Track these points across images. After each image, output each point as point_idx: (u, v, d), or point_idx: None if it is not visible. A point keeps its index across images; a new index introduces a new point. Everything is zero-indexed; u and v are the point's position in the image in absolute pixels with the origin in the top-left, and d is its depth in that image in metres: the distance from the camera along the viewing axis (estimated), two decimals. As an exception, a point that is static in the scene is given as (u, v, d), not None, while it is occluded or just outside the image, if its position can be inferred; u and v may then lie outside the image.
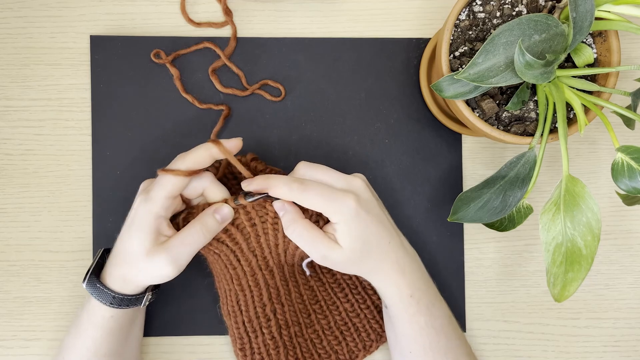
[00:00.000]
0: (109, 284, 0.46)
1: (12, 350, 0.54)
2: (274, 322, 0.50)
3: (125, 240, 0.45)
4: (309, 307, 0.54)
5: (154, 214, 0.44)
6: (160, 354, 0.55)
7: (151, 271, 0.45)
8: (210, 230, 0.45)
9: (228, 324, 0.52)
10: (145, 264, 0.44)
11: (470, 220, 0.46)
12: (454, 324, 0.51)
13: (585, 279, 0.42)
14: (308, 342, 0.53)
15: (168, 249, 0.44)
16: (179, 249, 0.44)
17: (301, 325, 0.53)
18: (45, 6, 0.55)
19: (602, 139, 0.57)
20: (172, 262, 0.44)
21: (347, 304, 0.54)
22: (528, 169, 0.44)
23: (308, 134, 0.56)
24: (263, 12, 0.56)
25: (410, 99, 0.56)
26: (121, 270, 0.46)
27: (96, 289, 0.46)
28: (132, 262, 0.45)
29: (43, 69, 0.55)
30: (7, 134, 0.55)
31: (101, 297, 0.46)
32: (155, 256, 0.44)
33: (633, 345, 0.57)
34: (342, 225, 0.45)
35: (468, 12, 0.46)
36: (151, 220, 0.44)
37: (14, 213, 0.55)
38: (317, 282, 0.54)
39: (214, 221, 0.45)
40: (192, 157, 0.45)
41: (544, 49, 0.41)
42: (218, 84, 0.55)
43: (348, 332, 0.54)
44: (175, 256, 0.44)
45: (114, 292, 0.46)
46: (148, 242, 0.44)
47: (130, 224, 0.45)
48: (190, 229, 0.45)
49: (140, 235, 0.44)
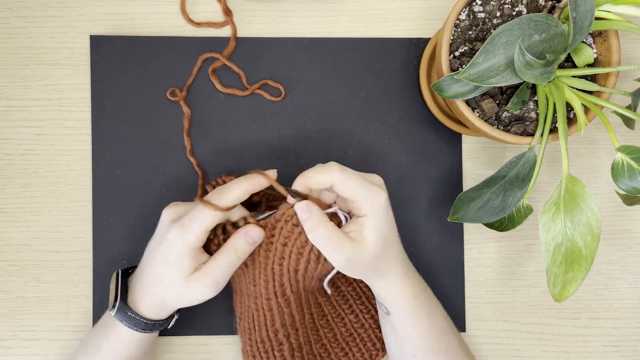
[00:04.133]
0: (141, 312, 0.46)
1: (12, 350, 0.54)
2: (287, 346, 0.50)
3: (162, 270, 0.45)
4: (317, 323, 0.54)
5: (192, 247, 0.44)
6: (161, 354, 0.55)
7: (192, 296, 0.46)
8: (244, 253, 0.45)
9: (242, 340, 0.51)
10: (186, 290, 0.45)
11: (470, 220, 0.46)
12: (452, 324, 0.51)
13: (585, 279, 0.42)
14: (317, 357, 0.53)
15: (208, 274, 0.45)
16: (219, 274, 0.45)
17: (311, 343, 0.52)
18: (45, 6, 0.55)
19: (602, 139, 0.57)
20: (213, 285, 0.45)
21: (351, 315, 0.54)
22: (528, 168, 0.44)
23: (308, 134, 0.56)
24: (263, 12, 0.56)
25: (410, 99, 0.56)
26: (157, 298, 0.46)
27: (128, 317, 0.46)
28: (171, 290, 0.45)
29: (43, 69, 0.55)
30: (7, 134, 0.55)
31: (133, 324, 0.46)
32: (197, 282, 0.45)
33: (633, 345, 0.57)
34: (371, 218, 0.44)
35: (468, 12, 0.46)
36: (190, 253, 0.44)
37: (14, 213, 0.55)
38: (322, 297, 0.54)
39: (245, 244, 0.45)
40: (233, 193, 0.44)
41: (544, 49, 0.41)
42: (218, 83, 0.55)
43: (354, 343, 0.54)
44: (215, 280, 0.45)
45: (147, 318, 0.46)
46: (187, 271, 0.44)
47: (166, 256, 0.45)
48: (225, 254, 0.45)
49: (180, 266, 0.44)
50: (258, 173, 0.46)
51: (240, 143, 0.55)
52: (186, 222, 0.44)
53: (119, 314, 0.46)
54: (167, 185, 0.55)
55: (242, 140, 0.55)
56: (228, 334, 0.55)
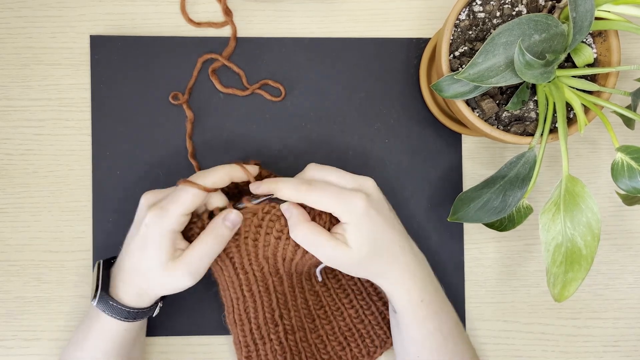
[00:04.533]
0: (122, 300, 0.46)
1: (12, 350, 0.54)
2: (281, 327, 0.50)
3: (138, 256, 0.45)
4: (313, 312, 0.54)
5: (170, 230, 0.44)
6: (160, 354, 0.55)
7: (170, 285, 0.45)
8: (224, 238, 0.45)
9: (234, 332, 0.51)
10: (164, 279, 0.45)
11: (470, 220, 0.46)
12: (460, 327, 0.51)
13: (585, 279, 0.42)
14: (312, 347, 0.53)
15: (186, 262, 0.44)
16: (197, 261, 0.45)
17: (306, 330, 0.53)
18: (45, 6, 0.55)
19: (602, 139, 0.57)
20: (191, 274, 0.45)
21: (351, 310, 0.54)
22: (528, 168, 0.44)
23: (308, 134, 0.56)
24: (263, 12, 0.56)
25: (410, 99, 0.56)
26: (136, 286, 0.46)
27: (109, 305, 0.46)
28: (150, 277, 0.45)
29: (43, 69, 0.55)
30: (7, 134, 0.55)
31: (115, 313, 0.46)
32: (174, 270, 0.44)
33: (633, 345, 0.57)
34: (351, 225, 0.45)
35: (468, 12, 0.46)
36: (168, 236, 0.44)
37: (14, 213, 0.55)
38: (322, 288, 0.54)
39: (225, 229, 0.45)
40: (214, 176, 0.45)
41: (544, 48, 0.41)
42: (218, 83, 0.55)
43: (352, 338, 0.54)
44: (194, 268, 0.45)
45: (128, 307, 0.46)
46: (165, 258, 0.44)
47: (143, 241, 0.44)
48: (204, 240, 0.45)
49: (158, 253, 0.44)
50: (240, 166, 0.46)
51: (240, 143, 0.55)
52: (164, 204, 0.44)
53: (100, 304, 0.45)
54: (167, 185, 0.55)
55: (241, 140, 0.55)
56: (228, 334, 0.55)
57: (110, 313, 0.46)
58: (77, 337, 0.48)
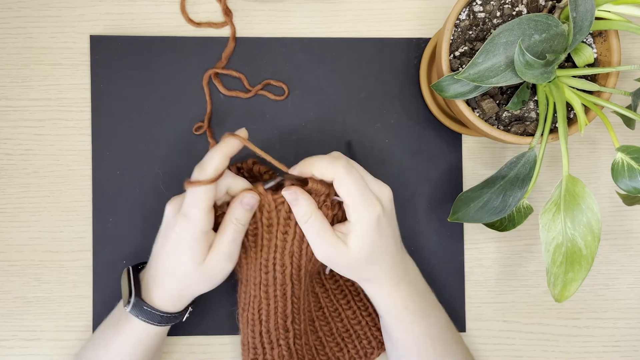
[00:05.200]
0: (157, 305, 0.46)
1: (12, 350, 0.54)
2: (292, 333, 0.49)
3: (173, 260, 0.45)
4: (313, 314, 0.53)
5: (201, 232, 0.44)
6: (161, 353, 0.55)
7: (211, 277, 0.46)
8: (243, 220, 0.45)
9: (243, 332, 0.50)
10: (204, 273, 0.45)
11: (470, 220, 0.46)
12: (452, 329, 0.51)
13: (585, 279, 0.42)
14: (312, 349, 0.52)
15: (221, 250, 0.45)
16: (230, 246, 0.45)
17: (308, 333, 0.52)
18: (45, 6, 0.55)
19: (602, 139, 0.57)
20: (229, 259, 0.45)
21: (349, 311, 0.54)
22: (528, 169, 0.44)
23: (308, 134, 0.56)
24: (263, 12, 0.56)
25: (410, 99, 0.56)
26: (172, 289, 0.46)
27: (143, 311, 0.46)
28: (187, 278, 0.45)
29: (43, 69, 0.55)
30: (7, 134, 0.55)
31: (149, 318, 0.46)
32: (212, 261, 0.45)
33: (633, 345, 0.57)
34: (360, 227, 0.44)
35: (468, 12, 0.46)
36: (201, 237, 0.44)
37: (14, 213, 0.55)
38: (320, 289, 0.54)
39: (242, 211, 0.45)
40: (211, 165, 0.44)
41: (544, 48, 0.41)
42: (221, 87, 0.54)
43: (349, 339, 0.54)
44: (229, 253, 0.45)
45: (162, 311, 0.46)
46: (201, 256, 0.45)
47: (176, 246, 0.45)
48: (227, 226, 0.45)
49: (193, 254, 0.44)
50: (229, 135, 0.45)
51: (240, 143, 0.55)
52: (186, 210, 0.44)
53: (134, 310, 0.46)
54: (167, 185, 0.55)
55: (242, 140, 0.55)
56: (228, 334, 0.55)
57: (143, 318, 0.46)
58: (100, 340, 0.48)
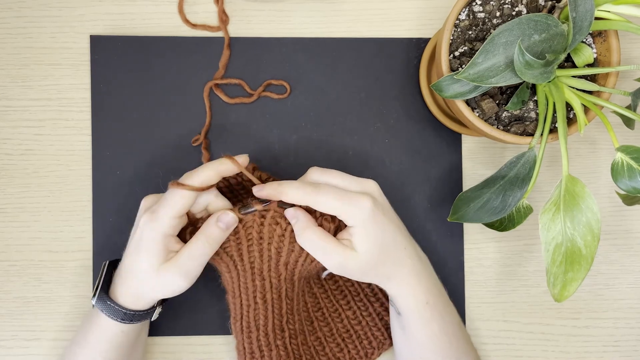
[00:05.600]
0: (120, 301, 0.46)
1: (12, 350, 0.54)
2: (287, 332, 0.49)
3: (133, 259, 0.45)
4: (311, 314, 0.53)
5: (161, 234, 0.43)
6: (160, 354, 0.55)
7: (163, 287, 0.45)
8: (216, 240, 0.45)
9: (238, 339, 0.50)
10: (157, 281, 0.44)
11: (470, 220, 0.46)
12: (464, 329, 0.51)
13: (585, 279, 0.42)
14: (311, 350, 0.52)
15: (178, 264, 0.44)
16: (189, 263, 0.44)
17: (305, 333, 0.52)
18: (45, 6, 0.55)
19: (602, 139, 0.57)
20: (183, 276, 0.44)
21: (349, 312, 0.54)
22: (528, 168, 0.44)
23: (308, 134, 0.56)
24: (263, 12, 0.56)
25: (410, 99, 0.56)
26: (132, 288, 0.46)
27: (107, 305, 0.46)
28: (143, 280, 0.45)
29: (43, 69, 0.55)
30: (7, 134, 0.55)
31: (112, 313, 0.46)
32: (166, 272, 0.44)
33: (633, 345, 0.57)
34: (359, 228, 0.44)
35: (468, 12, 0.46)
36: (159, 239, 0.44)
37: (14, 213, 0.55)
38: (319, 290, 0.54)
39: (218, 230, 0.44)
40: (202, 175, 0.44)
41: (544, 48, 0.41)
42: (223, 95, 0.54)
43: (350, 340, 0.54)
44: (186, 270, 0.44)
45: (125, 308, 0.46)
46: (157, 261, 0.44)
47: (137, 244, 0.45)
48: (195, 242, 0.44)
49: (149, 256, 0.44)
50: (228, 158, 0.45)
51: (240, 143, 0.55)
52: (156, 208, 0.44)
53: (99, 303, 0.46)
54: (167, 185, 0.55)
55: (241, 140, 0.55)
56: (228, 334, 0.55)
57: (107, 313, 0.46)
58: (79, 336, 0.48)
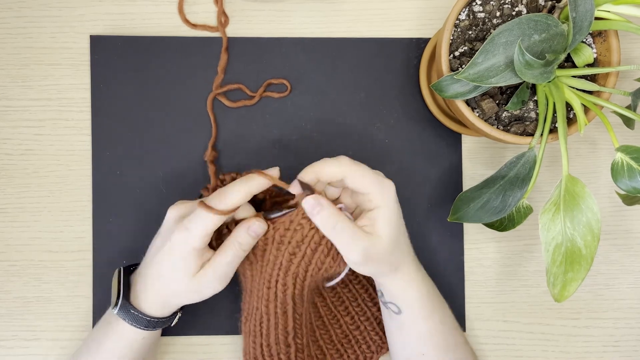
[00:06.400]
0: (144, 309, 0.46)
1: (12, 350, 0.54)
2: (294, 347, 0.49)
3: (165, 267, 0.45)
4: (313, 324, 0.53)
5: (195, 248, 0.44)
6: (161, 354, 0.55)
7: (199, 292, 0.46)
8: (246, 246, 0.46)
9: (245, 340, 0.50)
10: (195, 287, 0.45)
11: (470, 220, 0.46)
12: (456, 321, 0.52)
13: (585, 279, 0.42)
14: (314, 359, 0.52)
15: (214, 269, 0.45)
16: (224, 268, 0.45)
17: (309, 344, 0.52)
18: (45, 6, 0.55)
19: (602, 139, 0.57)
20: (219, 280, 0.45)
21: (347, 317, 0.54)
22: (528, 168, 0.44)
23: (308, 134, 0.56)
24: (263, 12, 0.56)
25: (410, 99, 0.56)
26: (161, 296, 0.46)
27: (130, 314, 0.46)
28: (178, 288, 0.45)
29: (43, 69, 0.55)
30: (7, 134, 0.55)
31: (135, 321, 0.46)
32: (203, 278, 0.45)
33: (633, 345, 0.57)
34: (384, 210, 0.44)
35: (468, 12, 0.46)
36: (193, 253, 0.44)
37: (14, 213, 0.55)
38: (319, 298, 0.54)
39: (247, 237, 0.45)
40: (233, 199, 0.44)
41: (544, 48, 0.41)
42: (226, 100, 0.54)
43: (349, 345, 0.54)
44: (221, 273, 0.45)
45: (150, 316, 0.46)
46: (194, 269, 0.45)
47: (169, 255, 0.45)
48: (230, 248, 0.45)
49: (185, 264, 0.44)
50: (258, 173, 0.45)
51: (240, 143, 0.55)
52: (188, 224, 0.44)
53: (121, 312, 0.45)
54: (167, 185, 0.55)
55: (241, 140, 0.55)
56: (228, 334, 0.55)
57: (130, 322, 0.46)
58: (90, 346, 0.48)
